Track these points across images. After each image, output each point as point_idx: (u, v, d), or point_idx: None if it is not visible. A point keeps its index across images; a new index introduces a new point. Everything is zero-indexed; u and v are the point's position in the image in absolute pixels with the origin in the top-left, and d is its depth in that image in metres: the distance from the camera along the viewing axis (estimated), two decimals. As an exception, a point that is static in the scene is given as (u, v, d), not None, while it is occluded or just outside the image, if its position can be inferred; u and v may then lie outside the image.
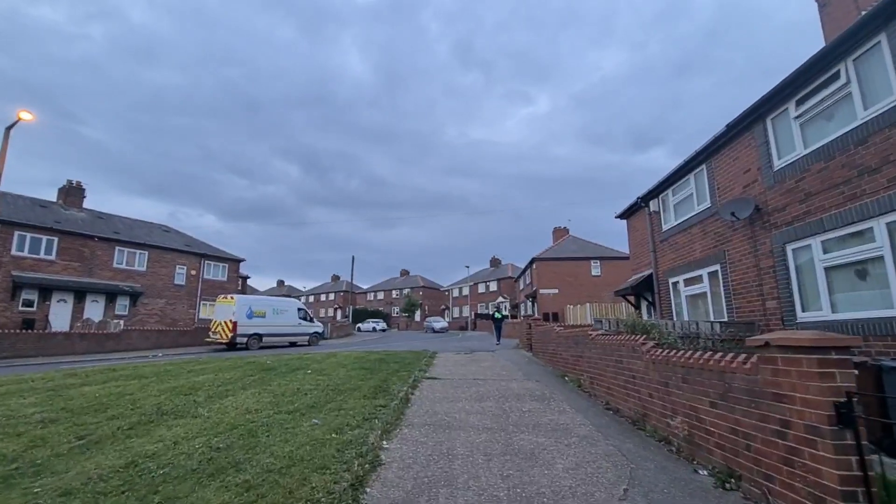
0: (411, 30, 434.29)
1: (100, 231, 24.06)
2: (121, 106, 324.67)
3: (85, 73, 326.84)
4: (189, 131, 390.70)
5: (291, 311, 23.57)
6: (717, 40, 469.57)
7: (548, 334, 11.42)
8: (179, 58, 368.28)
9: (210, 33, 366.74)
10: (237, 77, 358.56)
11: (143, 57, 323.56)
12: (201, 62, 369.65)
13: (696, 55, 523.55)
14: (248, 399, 6.15)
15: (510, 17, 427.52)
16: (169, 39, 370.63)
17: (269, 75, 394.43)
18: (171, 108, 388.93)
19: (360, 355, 12.38)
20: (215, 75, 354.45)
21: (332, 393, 6.76)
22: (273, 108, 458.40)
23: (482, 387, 8.11)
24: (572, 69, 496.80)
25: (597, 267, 32.80)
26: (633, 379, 5.66)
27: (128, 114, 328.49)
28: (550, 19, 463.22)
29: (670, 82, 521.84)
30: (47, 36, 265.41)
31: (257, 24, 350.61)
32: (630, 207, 13.53)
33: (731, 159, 8.82)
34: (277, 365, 9.73)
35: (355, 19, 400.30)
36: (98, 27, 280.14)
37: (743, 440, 3.51)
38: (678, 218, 11.02)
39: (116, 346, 19.71)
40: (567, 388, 7.97)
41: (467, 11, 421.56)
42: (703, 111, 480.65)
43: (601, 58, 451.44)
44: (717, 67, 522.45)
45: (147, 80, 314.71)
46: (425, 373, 9.67)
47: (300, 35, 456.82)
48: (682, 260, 10.73)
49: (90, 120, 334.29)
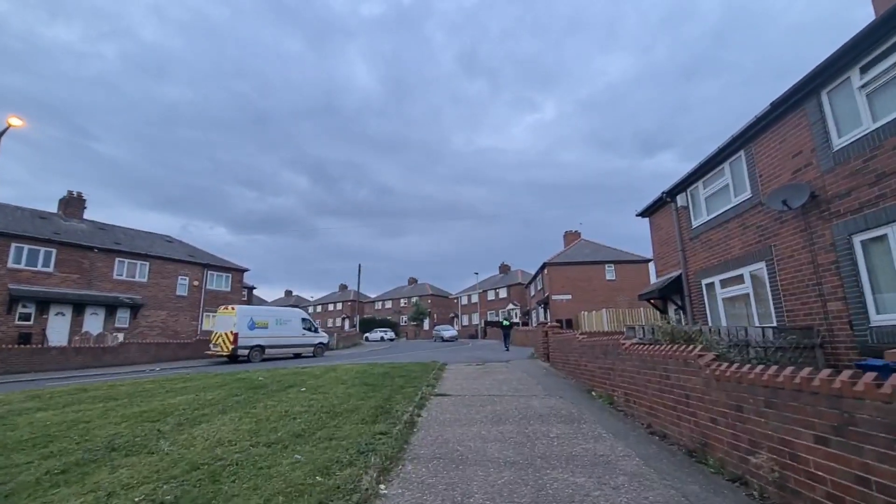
0: (416, 40, 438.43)
1: (100, 242, 23.53)
2: (134, 122, 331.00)
3: (99, 91, 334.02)
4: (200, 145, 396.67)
5: (295, 321, 22.74)
6: (725, 42, 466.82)
7: (568, 344, 10.38)
8: (190, 73, 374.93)
9: (220, 48, 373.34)
10: (247, 90, 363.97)
11: (156, 74, 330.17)
12: (212, 77, 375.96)
13: (703, 58, 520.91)
14: (225, 426, 5.22)
15: (515, 25, 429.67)
16: (180, 56, 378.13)
17: (278, 88, 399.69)
18: (183, 122, 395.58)
19: (364, 368, 11.43)
20: (226, 89, 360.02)
21: (325, 416, 5.81)
22: (282, 120, 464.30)
23: (499, 405, 7.10)
24: (578, 75, 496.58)
25: (611, 271, 31.57)
26: (687, 399, 4.63)
27: (141, 129, 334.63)
28: (556, 25, 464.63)
29: (678, 86, 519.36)
30: (62, 55, 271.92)
31: (266, 37, 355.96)
32: (653, 204, 12.50)
33: (776, 142, 7.80)
34: (269, 381, 8.81)
35: (361, 31, 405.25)
36: (111, 46, 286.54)
37: (881, 495, 2.49)
38: (711, 212, 9.98)
39: (114, 360, 18.97)
40: (596, 407, 6.94)
41: (472, 20, 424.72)
42: (711, 114, 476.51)
43: (607, 63, 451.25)
44: (725, 70, 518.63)
45: (159, 96, 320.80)
46: (434, 388, 8.69)
47: (308, 47, 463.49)
48: (718, 259, 9.67)
49: (104, 136, 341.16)
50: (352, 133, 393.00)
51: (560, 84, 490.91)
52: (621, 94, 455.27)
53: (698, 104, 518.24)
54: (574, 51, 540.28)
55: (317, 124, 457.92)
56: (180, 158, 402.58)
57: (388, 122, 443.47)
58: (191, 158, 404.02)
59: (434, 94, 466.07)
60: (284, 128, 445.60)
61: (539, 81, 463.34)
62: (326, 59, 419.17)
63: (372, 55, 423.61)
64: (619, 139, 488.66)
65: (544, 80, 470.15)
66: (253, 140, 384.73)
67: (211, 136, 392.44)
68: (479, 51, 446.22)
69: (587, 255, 33.18)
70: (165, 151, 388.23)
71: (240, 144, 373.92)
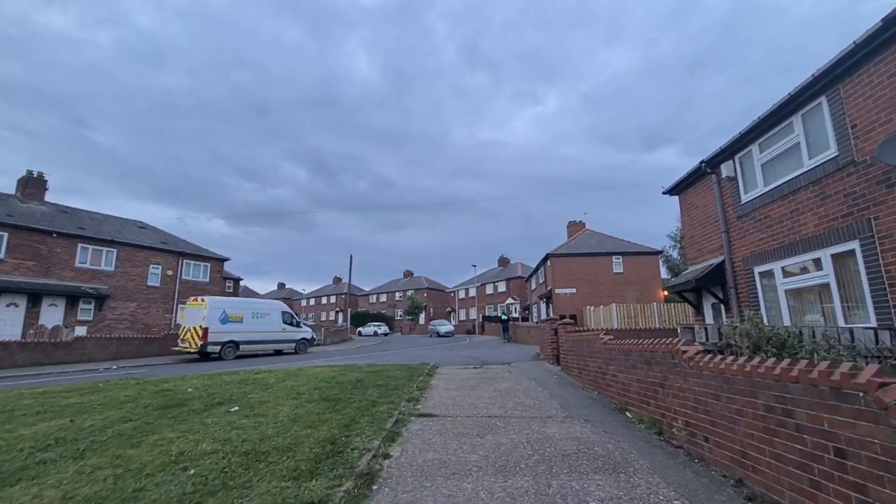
0: (418, 30, 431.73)
1: (60, 226, 21.37)
2: (131, 111, 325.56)
3: (95, 79, 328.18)
4: (199, 135, 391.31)
5: (274, 314, 20.69)
6: (731, 36, 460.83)
7: (587, 345, 8.36)
8: (188, 62, 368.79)
9: (218, 37, 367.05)
10: (246, 80, 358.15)
11: (153, 62, 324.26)
12: (210, 66, 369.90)
13: (709, 52, 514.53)
14: (52, 491, 3.17)
15: (519, 17, 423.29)
16: (177, 44, 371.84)
17: (278, 78, 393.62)
18: (182, 112, 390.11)
19: (335, 373, 9.38)
20: (225, 78, 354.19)
21: (237, 464, 3.77)
22: (282, 111, 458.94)
23: (503, 434, 5.09)
24: (582, 68, 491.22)
25: (619, 264, 29.52)
26: (843, 458, 2.61)
27: (138, 119, 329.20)
28: (560, 18, 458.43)
29: (682, 80, 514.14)
30: (57, 42, 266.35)
31: (265, 26, 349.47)
32: (686, 178, 10.43)
33: (879, 79, 5.73)
34: (198, 395, 6.72)
35: (362, 21, 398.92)
36: (106, 33, 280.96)
37: None
38: (770, 182, 7.94)
39: (67, 356, 16.91)
40: (641, 439, 4.93)
41: (475, 11, 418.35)
42: (715, 110, 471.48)
43: (612, 56, 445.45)
44: (731, 65, 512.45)
45: (156, 85, 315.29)
46: (417, 404, 6.67)
47: (308, 37, 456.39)
48: (780, 239, 7.64)
49: (101, 126, 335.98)
50: (352, 125, 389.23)
51: (563, 77, 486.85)
52: (625, 88, 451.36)
53: (702, 100, 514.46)
54: (578, 43, 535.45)
55: (317, 115, 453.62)
56: (178, 149, 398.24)
57: (389, 115, 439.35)
58: (189, 149, 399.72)
59: (435, 86, 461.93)
60: (284, 119, 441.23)
61: (542, 74, 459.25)
62: (327, 49, 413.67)
63: (373, 46, 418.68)
64: (621, 133, 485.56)
65: (547, 73, 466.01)
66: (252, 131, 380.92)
67: (209, 127, 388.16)
68: (482, 43, 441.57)
69: (593, 246, 31.10)
70: (163, 142, 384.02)
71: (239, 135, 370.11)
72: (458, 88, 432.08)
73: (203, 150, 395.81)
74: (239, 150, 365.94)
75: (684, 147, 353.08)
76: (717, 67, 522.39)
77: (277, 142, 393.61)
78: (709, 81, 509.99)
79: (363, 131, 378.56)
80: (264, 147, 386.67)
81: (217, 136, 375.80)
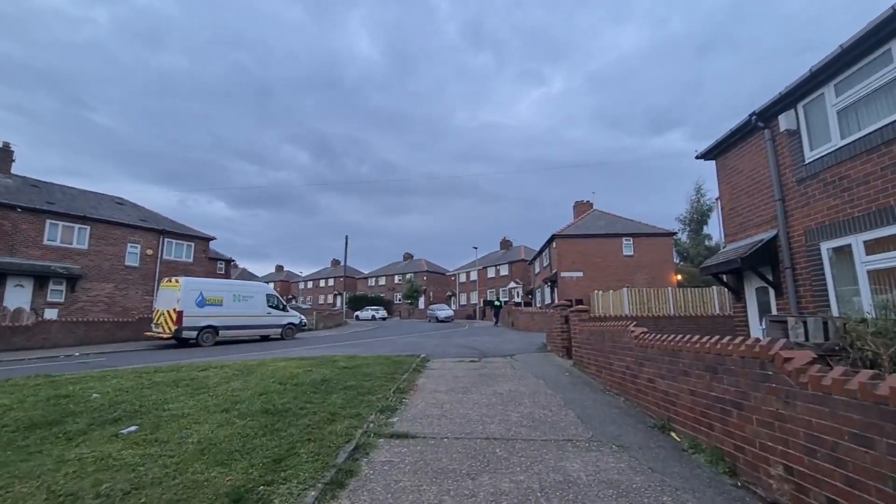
0: (420, 9, 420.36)
1: (27, 201, 19.71)
2: (130, 92, 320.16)
3: (92, 58, 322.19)
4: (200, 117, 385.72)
5: (258, 297, 19.17)
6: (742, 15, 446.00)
7: (611, 339, 6.74)
8: (187, 41, 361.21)
9: (217, 15, 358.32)
10: (246, 60, 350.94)
11: (150, 40, 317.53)
12: (210, 45, 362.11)
13: (720, 31, 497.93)
14: None
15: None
16: (176, 22, 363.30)
17: (279, 58, 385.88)
18: (182, 93, 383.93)
19: (300, 370, 7.78)
20: (225, 59, 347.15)
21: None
22: (283, 93, 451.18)
23: (506, 472, 3.52)
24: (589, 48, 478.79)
25: (629, 246, 27.75)
26: None
27: (137, 100, 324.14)
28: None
29: (691, 62, 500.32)
30: (53, 20, 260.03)
31: (265, 4, 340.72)
32: (728, 137, 8.64)
33: None
34: (98, 404, 5.01)
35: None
36: (103, 10, 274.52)
37: None
38: (850, 133, 6.18)
39: (27, 342, 15.47)
40: (705, 481, 3.35)
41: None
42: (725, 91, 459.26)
43: (620, 35, 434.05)
44: (743, 45, 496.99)
45: (155, 65, 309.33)
46: (392, 415, 5.10)
47: (308, 17, 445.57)
48: (863, 206, 5.94)
49: (100, 107, 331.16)
50: (354, 107, 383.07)
51: (569, 58, 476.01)
52: (633, 68, 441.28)
53: (711, 81, 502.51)
54: (585, 22, 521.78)
55: (319, 97, 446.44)
56: (179, 131, 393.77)
57: (391, 96, 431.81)
58: (190, 131, 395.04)
59: (437, 67, 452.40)
60: (285, 101, 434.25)
61: (547, 54, 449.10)
62: (327, 28, 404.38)
63: (374, 24, 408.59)
64: (628, 116, 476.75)
65: (553, 53, 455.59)
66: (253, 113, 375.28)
67: (210, 109, 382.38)
68: (486, 21, 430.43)
69: (601, 227, 29.29)
70: (164, 124, 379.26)
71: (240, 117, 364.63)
72: (462, 69, 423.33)
73: (204, 133, 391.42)
74: (240, 133, 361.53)
75: (691, 131, 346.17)
76: (728, 48, 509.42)
77: (279, 124, 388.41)
78: (719, 62, 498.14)
79: (365, 114, 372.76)
80: (265, 130, 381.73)
81: (218, 119, 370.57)
